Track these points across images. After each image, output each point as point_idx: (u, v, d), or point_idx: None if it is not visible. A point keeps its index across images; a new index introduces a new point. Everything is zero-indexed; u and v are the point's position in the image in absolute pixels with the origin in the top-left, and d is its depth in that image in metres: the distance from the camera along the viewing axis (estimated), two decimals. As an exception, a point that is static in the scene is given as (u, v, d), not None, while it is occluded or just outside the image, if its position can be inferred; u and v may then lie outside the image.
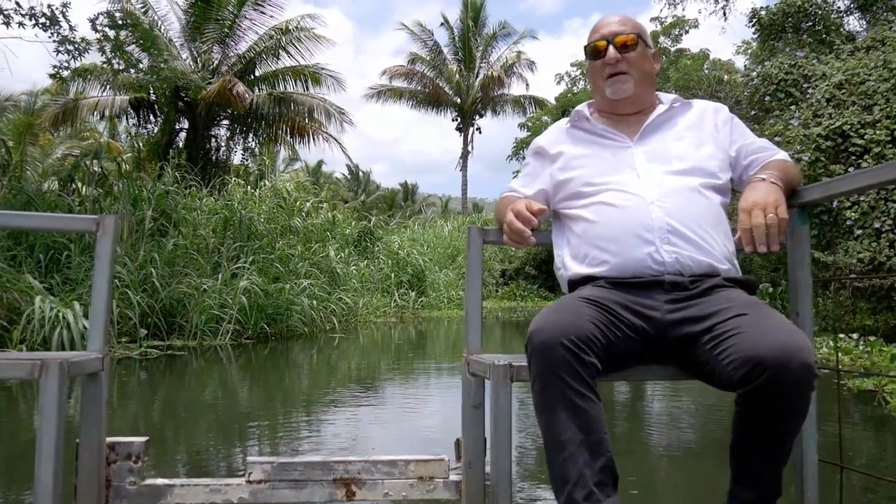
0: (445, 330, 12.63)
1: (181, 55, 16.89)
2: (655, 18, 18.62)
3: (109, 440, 1.74)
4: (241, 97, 15.30)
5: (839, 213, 7.93)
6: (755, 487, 1.47)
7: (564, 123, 1.96)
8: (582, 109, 1.93)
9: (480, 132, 32.28)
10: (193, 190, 11.82)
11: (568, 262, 1.79)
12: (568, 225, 1.83)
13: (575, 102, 17.48)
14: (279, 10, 16.95)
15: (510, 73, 30.44)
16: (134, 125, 17.50)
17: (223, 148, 17.48)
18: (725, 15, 13.46)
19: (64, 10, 9.09)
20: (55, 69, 9.74)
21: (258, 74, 17.81)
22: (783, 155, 1.80)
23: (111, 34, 10.01)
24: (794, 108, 9.07)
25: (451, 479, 1.87)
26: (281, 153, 23.74)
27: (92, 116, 17.31)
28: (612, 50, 1.83)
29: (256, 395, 5.60)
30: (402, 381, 6.37)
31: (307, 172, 41.13)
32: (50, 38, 9.14)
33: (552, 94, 31.92)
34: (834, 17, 11.25)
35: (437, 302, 16.99)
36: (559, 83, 23.73)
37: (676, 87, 14.77)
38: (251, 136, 17.94)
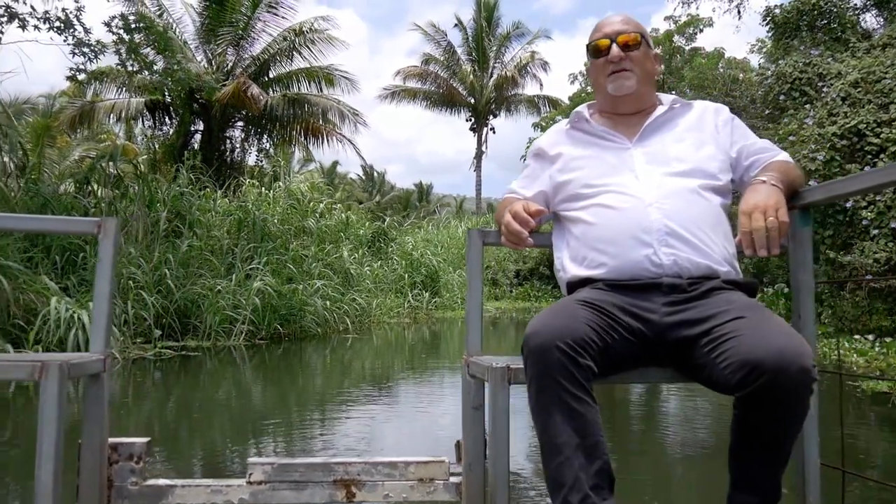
0: (459, 330, 12.61)
1: (196, 57, 16.99)
2: (669, 17, 18.52)
3: (111, 441, 1.76)
4: (255, 99, 15.38)
5: (855, 212, 7.85)
6: (754, 491, 1.46)
7: (564, 125, 1.95)
8: (581, 111, 1.92)
9: (494, 132, 32.33)
10: (208, 191, 11.90)
11: (567, 264, 1.79)
12: (567, 227, 1.83)
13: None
14: (292, 11, 17.03)
15: (524, 73, 30.40)
16: (150, 127, 17.64)
17: (238, 149, 17.58)
18: (740, 13, 13.39)
19: (78, 13, 9.20)
20: (72, 71, 9.86)
21: (272, 76, 17.89)
22: (785, 156, 1.78)
23: (125, 37, 10.10)
24: (808, 106, 8.99)
25: (451, 480, 1.88)
26: (296, 154, 23.81)
27: (108, 119, 17.46)
28: (615, 48, 1.82)
29: (269, 395, 5.63)
30: (414, 381, 6.38)
31: (322, 173, 41.27)
32: (65, 41, 9.25)
33: (566, 93, 31.84)
34: (850, 14, 11.15)
35: (450, 302, 16.98)
36: (573, 83, 23.62)
37: (691, 86, 14.68)
38: (265, 137, 18.03)
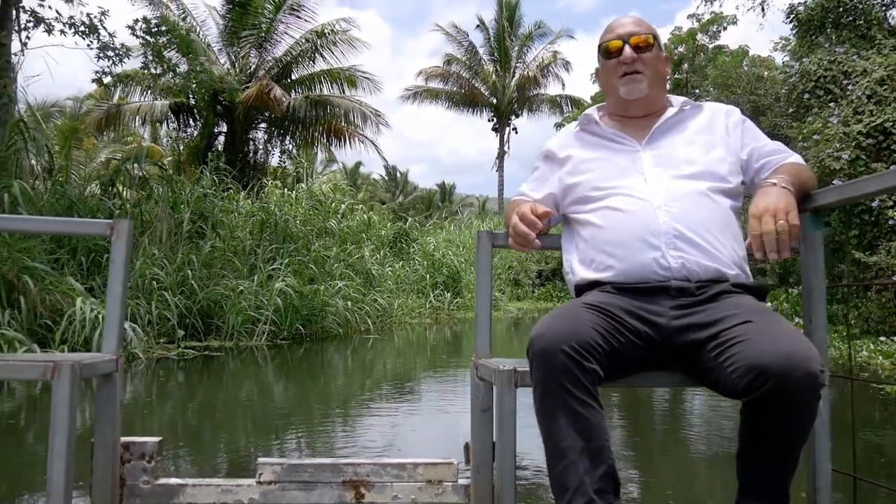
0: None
1: (219, 60, 17.17)
2: (692, 15, 18.38)
3: (124, 440, 1.79)
4: (277, 101, 15.50)
5: (881, 212, 7.74)
6: (762, 497, 1.44)
7: (574, 127, 1.95)
8: (591, 113, 1.92)
9: (517, 132, 32.21)
10: (231, 192, 12.01)
11: (576, 266, 1.79)
12: (576, 229, 1.82)
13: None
14: (314, 13, 17.16)
15: (546, 72, 30.29)
16: (174, 129, 17.85)
17: (261, 151, 17.73)
18: (763, 10, 13.23)
19: (102, 18, 9.34)
20: (97, 74, 10.03)
21: (294, 78, 18.02)
22: (796, 158, 1.76)
23: (150, 40, 10.25)
24: (833, 105, 8.88)
25: (459, 482, 1.88)
26: (318, 155, 23.97)
27: (134, 121, 17.69)
28: (627, 49, 1.81)
29: (290, 396, 5.67)
30: (434, 381, 6.39)
31: (345, 174, 41.47)
32: (89, 46, 9.40)
33: (588, 93, 31.66)
34: (876, 10, 10.97)
35: (472, 303, 16.81)
36: (595, 82, 23.53)
37: (715, 84, 14.57)
38: (288, 138, 18.16)
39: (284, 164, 18.35)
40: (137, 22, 10.03)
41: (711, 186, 1.71)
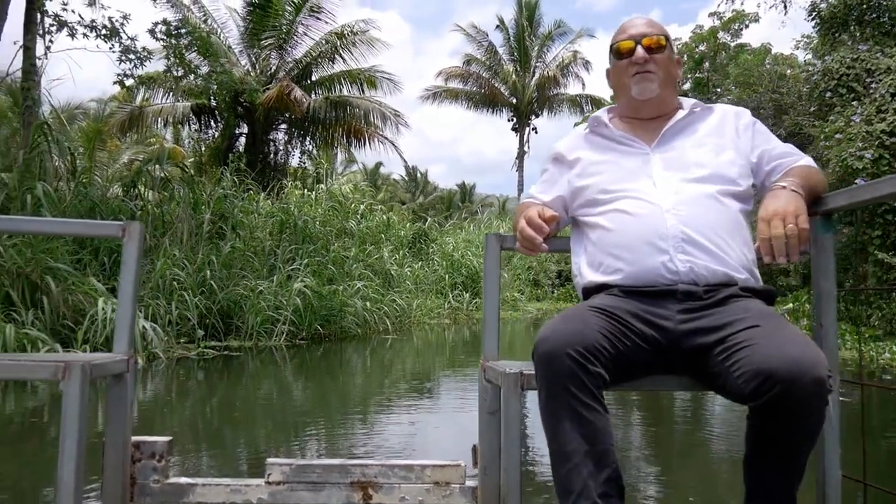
0: (500, 331, 12.57)
1: (240, 61, 17.31)
2: (714, 13, 18.22)
3: (134, 439, 1.81)
4: (298, 102, 15.59)
5: (905, 212, 7.63)
6: (768, 502, 1.43)
7: (583, 129, 1.94)
8: (601, 115, 1.91)
9: (536, 132, 32.10)
10: (251, 193, 12.10)
11: (584, 269, 1.78)
12: (585, 232, 1.82)
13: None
14: (334, 15, 17.24)
15: (566, 72, 30.16)
16: (196, 131, 18.01)
17: (281, 152, 17.83)
18: (786, 8, 13.06)
19: (124, 22, 9.47)
20: (119, 77, 10.16)
21: (315, 79, 18.11)
22: (807, 160, 1.74)
23: (171, 41, 10.37)
24: (856, 103, 8.76)
25: (467, 484, 1.88)
26: (339, 156, 24.09)
27: (157, 123, 17.88)
28: (640, 50, 1.81)
29: (308, 396, 5.71)
30: (452, 382, 6.40)
31: (365, 174, 41.60)
32: (111, 48, 9.53)
33: (608, 92, 31.42)
34: (901, 8, 10.81)
35: (491, 303, 16.93)
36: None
37: (736, 83, 14.43)
38: (308, 139, 18.26)
39: (304, 164, 18.46)
40: (158, 24, 10.15)
41: (721, 189, 1.70)
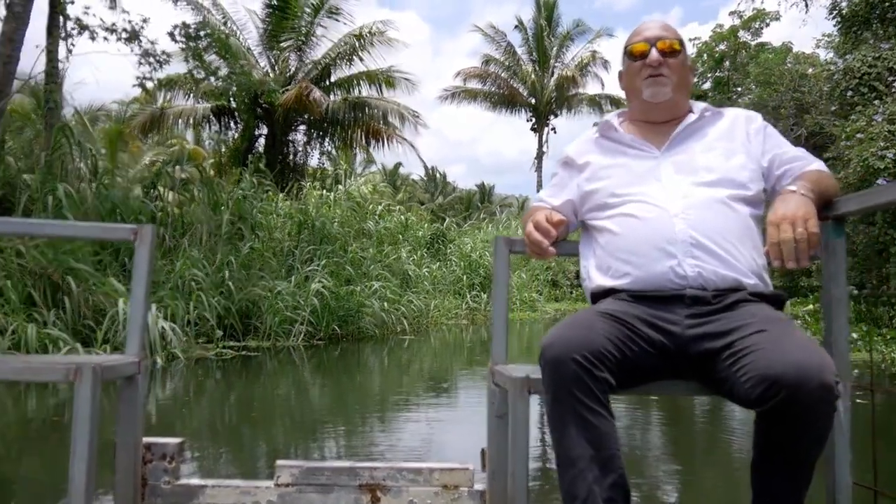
0: (517, 332, 12.58)
1: (259, 63, 17.42)
2: (734, 12, 18.07)
3: (145, 440, 1.83)
4: (317, 103, 15.67)
5: (928, 213, 7.52)
6: None
7: (593, 133, 1.94)
8: (610, 119, 1.90)
9: (555, 132, 31.94)
10: (270, 194, 12.17)
11: (593, 273, 1.77)
12: (594, 236, 1.81)
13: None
14: (352, 16, 17.32)
15: (585, 72, 30.03)
16: (216, 132, 18.15)
17: (300, 152, 17.93)
18: (807, 6, 12.90)
19: (143, 25, 9.59)
20: (138, 80, 10.29)
21: (333, 80, 18.18)
22: (818, 165, 1.72)
23: (191, 45, 10.48)
24: (878, 102, 8.64)
25: (475, 488, 1.88)
26: (358, 156, 24.15)
27: (178, 124, 18.04)
28: (654, 52, 1.80)
29: (325, 397, 5.74)
30: (468, 383, 6.40)
31: (385, 175, 41.70)
32: (132, 51, 9.65)
33: (629, 92, 31.12)
34: (926, 5, 10.64)
35: (509, 304, 16.90)
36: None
37: (757, 82, 14.30)
38: (327, 140, 18.34)
39: (323, 165, 18.55)
40: (177, 27, 10.26)
41: (731, 194, 1.68)
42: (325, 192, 14.13)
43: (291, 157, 17.69)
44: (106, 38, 9.39)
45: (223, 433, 4.27)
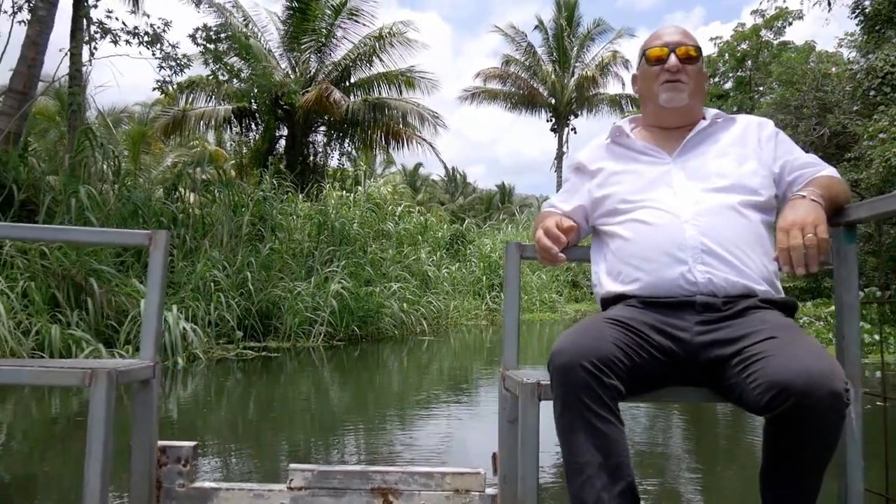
0: (537, 334, 12.55)
1: (280, 65, 17.55)
2: (756, 11, 17.88)
3: (160, 444, 1.86)
4: (337, 104, 15.76)
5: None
6: None
7: (604, 139, 1.94)
8: (622, 125, 1.90)
9: (576, 132, 31.86)
10: (290, 195, 12.25)
11: (603, 279, 1.78)
12: (605, 242, 1.81)
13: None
14: (373, 17, 17.37)
15: (605, 72, 29.92)
16: (237, 133, 18.31)
17: (320, 154, 18.04)
18: (830, 5, 12.74)
19: (165, 28, 9.69)
20: (158, 83, 10.40)
21: (353, 81, 18.27)
22: (830, 171, 1.71)
23: (210, 47, 10.58)
24: (902, 102, 8.53)
25: (487, 492, 1.89)
26: (378, 157, 24.25)
27: (199, 126, 18.22)
28: (673, 58, 1.79)
29: (345, 398, 5.76)
30: (486, 385, 6.39)
31: (405, 175, 41.81)
32: (153, 54, 9.76)
33: (650, 91, 30.92)
34: (953, 2, 10.46)
35: (528, 304, 16.91)
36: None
37: (779, 81, 14.16)
38: (347, 141, 18.43)
39: (343, 165, 18.65)
40: (198, 30, 10.36)
41: (742, 200, 1.68)
42: (344, 193, 14.20)
43: (311, 158, 17.81)
44: (128, 41, 9.52)
45: (241, 434, 4.30)
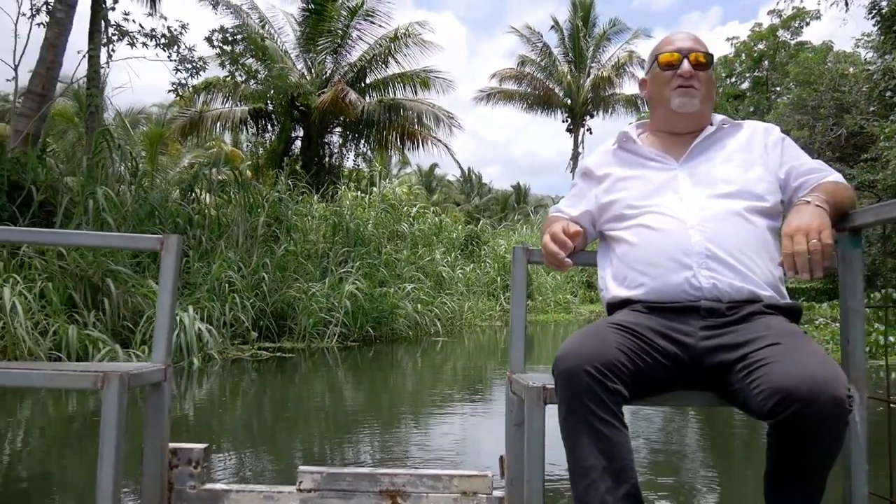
0: (551, 334, 12.54)
1: (296, 66, 17.63)
2: (773, 11, 17.75)
3: (172, 446, 1.88)
4: (352, 105, 15.82)
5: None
6: None
7: (611, 145, 1.95)
8: (629, 131, 1.91)
9: (591, 133, 31.79)
10: (305, 196, 12.30)
11: (609, 283, 1.79)
12: (611, 247, 1.82)
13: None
14: (388, 18, 17.43)
15: (621, 72, 29.81)
16: (253, 134, 18.42)
17: (336, 154, 18.11)
18: (847, 5, 12.62)
19: (182, 31, 9.78)
20: (174, 86, 10.49)
21: (369, 82, 18.33)
22: (836, 177, 1.71)
23: (227, 49, 10.66)
24: (920, 103, 8.43)
25: (494, 494, 1.90)
26: (393, 158, 24.31)
27: (216, 127, 18.35)
28: (686, 63, 1.81)
29: (359, 399, 5.79)
30: (500, 386, 6.40)
31: (420, 176, 41.85)
32: (169, 57, 9.85)
33: (667, 91, 30.78)
34: (973, 1, 10.34)
35: (543, 305, 16.89)
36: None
37: (796, 82, 14.05)
38: (363, 142, 18.49)
39: (359, 166, 18.73)
40: (215, 32, 10.44)
41: (748, 206, 1.68)
42: (359, 193, 14.25)
43: (327, 159, 17.89)
44: (145, 43, 9.62)
45: (255, 435, 4.33)
